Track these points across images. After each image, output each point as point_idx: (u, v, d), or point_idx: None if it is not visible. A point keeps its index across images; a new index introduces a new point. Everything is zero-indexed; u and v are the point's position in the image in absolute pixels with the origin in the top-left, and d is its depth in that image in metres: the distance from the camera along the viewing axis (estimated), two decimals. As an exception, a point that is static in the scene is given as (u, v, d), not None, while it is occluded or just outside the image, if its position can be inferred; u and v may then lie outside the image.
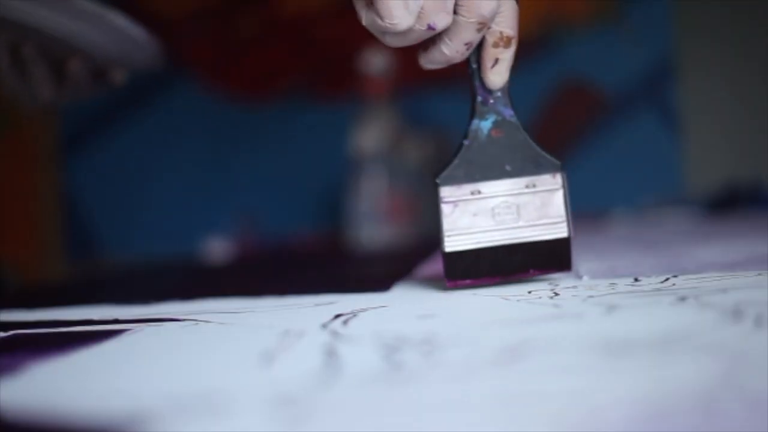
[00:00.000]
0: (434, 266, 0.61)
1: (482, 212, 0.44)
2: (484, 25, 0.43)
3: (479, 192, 0.44)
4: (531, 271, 0.44)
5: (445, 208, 0.43)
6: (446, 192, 0.44)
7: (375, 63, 1.13)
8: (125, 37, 0.63)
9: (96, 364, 0.32)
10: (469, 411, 0.22)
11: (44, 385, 0.28)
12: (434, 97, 1.26)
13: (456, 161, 0.44)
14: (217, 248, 1.30)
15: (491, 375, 0.25)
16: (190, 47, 1.39)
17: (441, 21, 0.42)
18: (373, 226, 1.12)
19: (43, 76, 0.64)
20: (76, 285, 0.83)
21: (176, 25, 1.39)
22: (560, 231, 0.44)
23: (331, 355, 0.29)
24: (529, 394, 0.23)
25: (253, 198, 1.39)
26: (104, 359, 0.33)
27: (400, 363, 0.27)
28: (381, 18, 0.41)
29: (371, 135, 1.12)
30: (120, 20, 0.62)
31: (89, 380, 0.29)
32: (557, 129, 1.32)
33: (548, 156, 0.45)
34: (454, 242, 0.43)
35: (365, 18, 0.43)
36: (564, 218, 0.44)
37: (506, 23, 0.44)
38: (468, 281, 0.44)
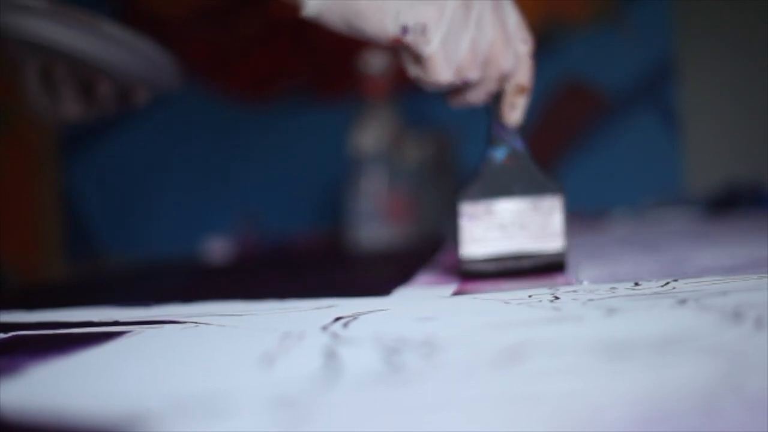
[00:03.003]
0: (434, 271, 0.61)
1: (493, 225, 0.52)
2: (504, 78, 0.52)
3: (492, 208, 0.52)
4: (531, 274, 0.52)
5: (463, 221, 0.52)
6: (464, 207, 0.52)
7: (375, 63, 1.13)
8: (151, 62, 0.66)
9: (96, 366, 0.32)
10: (469, 412, 0.22)
11: (44, 386, 0.28)
12: (434, 97, 1.26)
13: (473, 182, 0.53)
14: (217, 248, 1.30)
15: (491, 376, 0.25)
16: (190, 47, 1.39)
17: (473, 75, 0.51)
18: (372, 226, 1.12)
19: (71, 95, 0.66)
20: (76, 285, 0.83)
21: (176, 25, 1.39)
22: (557, 244, 0.53)
23: (331, 356, 0.29)
24: (529, 396, 0.23)
25: (253, 198, 1.39)
26: (105, 361, 0.33)
27: (400, 365, 0.27)
28: (427, 75, 0.51)
29: (371, 135, 1.12)
30: (146, 46, 0.65)
31: (90, 381, 0.29)
32: (557, 129, 1.32)
33: (550, 181, 0.53)
34: (469, 249, 0.52)
35: (412, 71, 0.52)
36: (561, 233, 0.53)
37: (523, 76, 0.53)
38: (479, 280, 0.51)
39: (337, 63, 1.34)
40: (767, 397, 0.21)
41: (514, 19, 0.53)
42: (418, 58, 0.51)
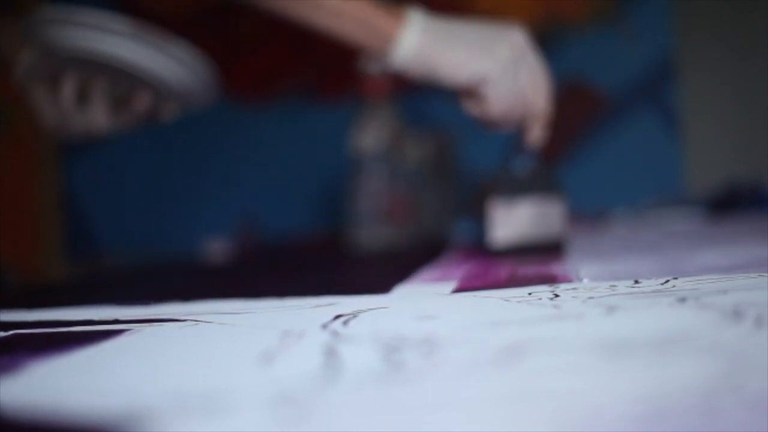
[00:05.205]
0: (435, 269, 0.61)
1: (513, 216, 0.69)
2: (528, 111, 0.70)
3: (512, 204, 0.69)
4: (540, 252, 0.68)
5: (491, 213, 0.69)
6: (493, 203, 0.69)
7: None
8: (203, 81, 0.71)
9: (96, 364, 0.32)
10: (468, 411, 0.22)
11: (44, 384, 0.28)
12: (434, 97, 1.26)
13: (499, 185, 0.70)
14: (217, 248, 1.30)
15: (491, 375, 0.25)
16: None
17: (513, 109, 0.69)
18: (373, 226, 1.12)
19: (104, 108, 0.68)
20: (76, 285, 0.83)
21: (175, 24, 1.39)
22: (559, 233, 0.71)
23: (331, 355, 0.29)
24: (529, 394, 0.23)
25: (253, 198, 1.39)
26: (104, 359, 0.33)
27: (399, 363, 0.27)
28: (482, 111, 0.69)
29: (371, 135, 1.12)
30: (201, 65, 0.69)
31: (89, 380, 0.29)
32: (557, 129, 1.31)
33: (555, 185, 0.71)
34: (495, 233, 0.69)
35: (468, 107, 0.70)
36: (561, 223, 0.71)
37: (542, 109, 0.71)
38: (505, 257, 0.68)
39: (337, 63, 1.34)
40: (767, 397, 0.21)
41: (535, 62, 0.69)
42: (476, 97, 0.68)
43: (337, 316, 0.38)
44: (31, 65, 0.66)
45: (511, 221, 0.69)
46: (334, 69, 1.36)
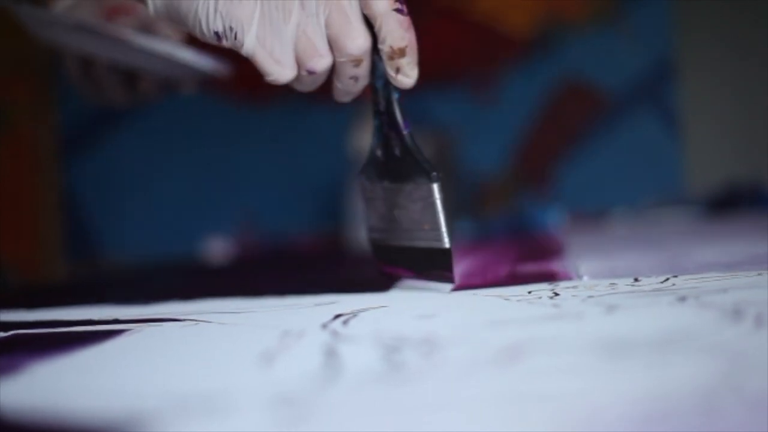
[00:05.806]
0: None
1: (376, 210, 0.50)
2: (359, 61, 0.46)
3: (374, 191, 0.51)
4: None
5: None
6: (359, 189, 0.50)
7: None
8: (192, 69, 0.69)
9: (96, 364, 0.32)
10: (468, 411, 0.22)
11: (44, 385, 0.28)
12: (434, 97, 1.26)
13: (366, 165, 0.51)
14: (217, 248, 1.30)
15: (491, 375, 0.25)
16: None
17: (317, 64, 0.46)
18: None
19: (114, 85, 0.68)
20: (76, 285, 0.83)
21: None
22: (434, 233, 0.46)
23: (330, 355, 0.29)
24: (529, 395, 0.23)
25: (253, 198, 1.39)
26: (104, 359, 0.33)
27: (399, 363, 0.27)
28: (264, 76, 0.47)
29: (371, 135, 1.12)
30: (190, 55, 0.68)
31: (89, 380, 0.29)
32: (557, 129, 1.32)
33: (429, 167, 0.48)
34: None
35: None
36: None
37: (392, 37, 0.45)
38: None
39: (337, 63, 1.33)
40: (767, 397, 0.21)
41: None
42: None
43: (337, 316, 0.38)
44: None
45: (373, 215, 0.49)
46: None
